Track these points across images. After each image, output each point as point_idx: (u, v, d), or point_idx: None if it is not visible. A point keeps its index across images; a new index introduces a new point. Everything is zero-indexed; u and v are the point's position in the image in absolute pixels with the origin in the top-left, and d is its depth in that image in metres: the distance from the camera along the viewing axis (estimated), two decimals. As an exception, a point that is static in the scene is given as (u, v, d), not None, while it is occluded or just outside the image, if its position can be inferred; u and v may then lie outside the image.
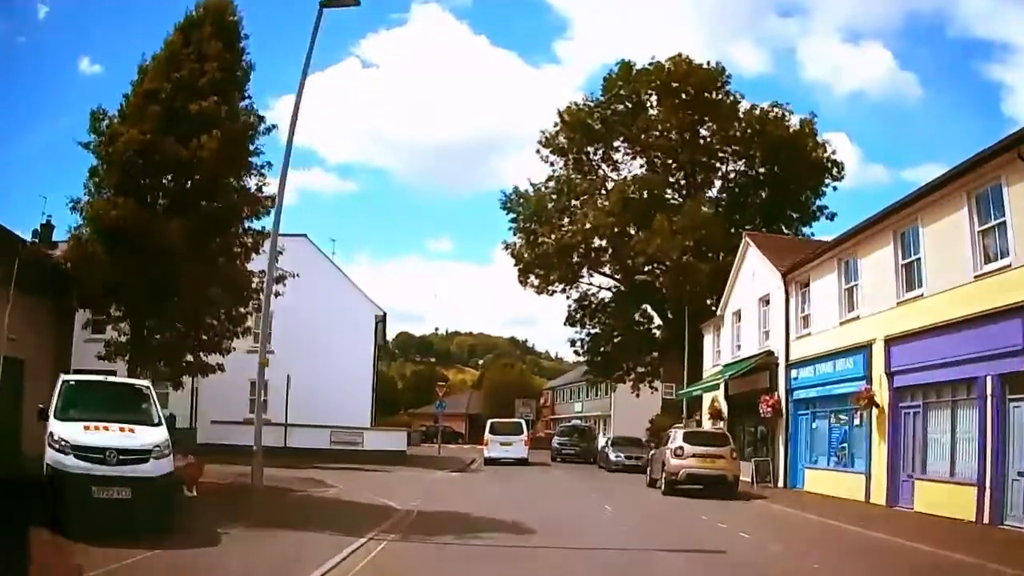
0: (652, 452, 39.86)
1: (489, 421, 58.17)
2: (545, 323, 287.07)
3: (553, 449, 66.09)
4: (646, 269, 62.11)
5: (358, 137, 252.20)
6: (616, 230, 61.11)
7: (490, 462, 51.83)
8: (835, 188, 63.22)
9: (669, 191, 64.05)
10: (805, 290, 37.23)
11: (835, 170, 62.62)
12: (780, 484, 36.82)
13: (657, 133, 62.21)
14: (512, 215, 66.99)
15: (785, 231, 61.68)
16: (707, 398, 50.10)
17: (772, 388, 39.02)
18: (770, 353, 39.97)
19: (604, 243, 63.54)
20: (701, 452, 32.24)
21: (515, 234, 66.96)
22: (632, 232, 61.40)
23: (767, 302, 41.55)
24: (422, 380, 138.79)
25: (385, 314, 52.51)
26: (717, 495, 31.33)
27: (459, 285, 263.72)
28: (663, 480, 33.31)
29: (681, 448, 32.37)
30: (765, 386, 39.66)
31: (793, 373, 37.29)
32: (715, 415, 47.50)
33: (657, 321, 68.20)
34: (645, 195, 61.58)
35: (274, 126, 27.19)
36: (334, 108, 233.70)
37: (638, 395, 71.76)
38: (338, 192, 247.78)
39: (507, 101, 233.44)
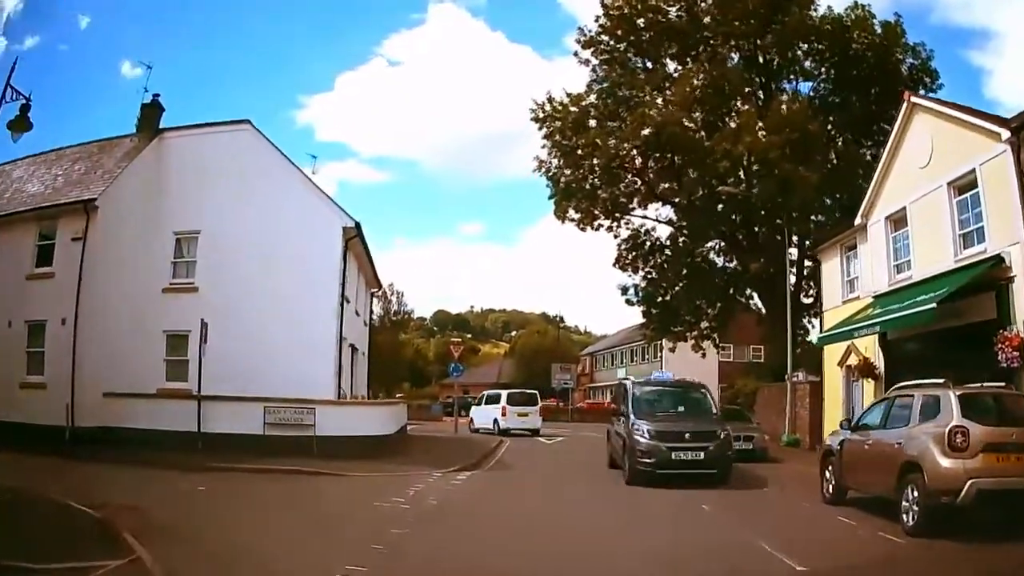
0: (841, 440, 18.98)
1: (506, 391, 51.17)
2: (576, 300, 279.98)
3: (624, 443, 30.60)
4: (720, 188, 44.48)
5: (389, 131, 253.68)
6: (685, 129, 45.01)
7: (503, 432, 45.18)
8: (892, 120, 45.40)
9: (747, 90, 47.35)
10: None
11: (928, 79, 46.13)
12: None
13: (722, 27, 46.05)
14: (545, 129, 50.26)
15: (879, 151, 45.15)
16: (834, 350, 33.29)
17: (1005, 319, 21.82)
18: (996, 263, 22.34)
19: (665, 154, 47.46)
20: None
21: (549, 152, 50.70)
22: (702, 136, 45.79)
23: (968, 186, 24.19)
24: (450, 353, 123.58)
25: (359, 226, 32.50)
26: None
27: (491, 266, 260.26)
28: (918, 506, 14.26)
29: (962, 434, 13.72)
30: (985, 317, 22.64)
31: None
32: (864, 371, 30.34)
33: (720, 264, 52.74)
34: (718, 90, 45.25)
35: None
36: (365, 105, 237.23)
37: (703, 355, 57.85)
38: (374, 182, 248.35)
39: (525, 92, 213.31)
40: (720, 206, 47.27)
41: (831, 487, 19.08)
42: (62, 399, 26.45)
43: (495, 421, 47.43)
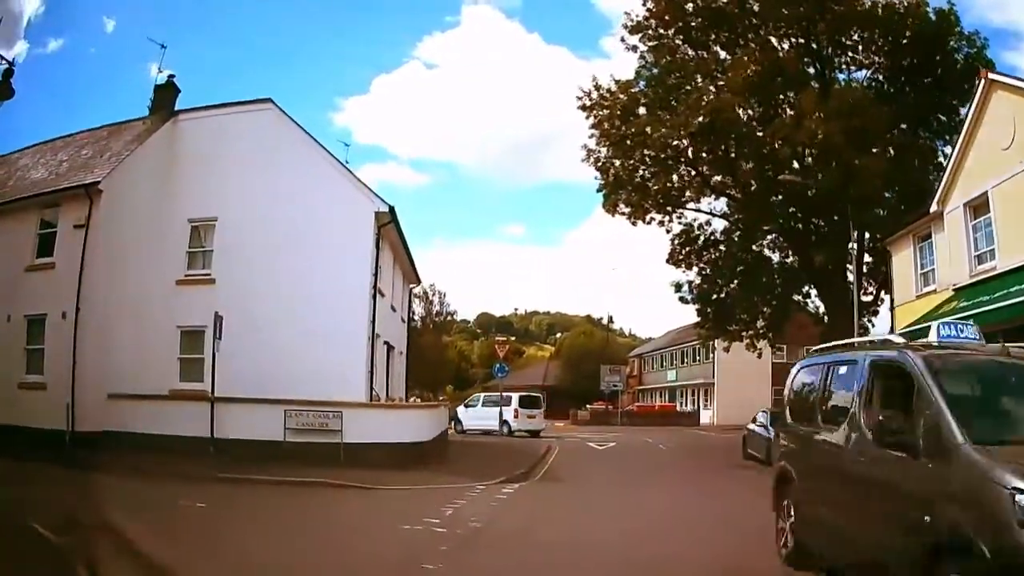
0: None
1: (517, 395, 50.87)
2: (620, 303, 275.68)
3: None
4: (780, 177, 41.06)
5: (427, 133, 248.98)
6: (741, 116, 41.87)
7: (511, 433, 46.62)
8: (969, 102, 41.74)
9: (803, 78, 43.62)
10: None
11: (983, 67, 40.73)
12: None
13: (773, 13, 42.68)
14: (592, 117, 46.74)
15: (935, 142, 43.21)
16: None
17: None
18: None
19: (719, 144, 43.83)
20: None
21: (598, 142, 47.04)
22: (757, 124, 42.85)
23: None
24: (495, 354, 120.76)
25: (393, 211, 28.95)
26: None
27: (534, 268, 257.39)
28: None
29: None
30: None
31: None
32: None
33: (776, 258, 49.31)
34: (773, 77, 41.57)
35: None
36: (402, 107, 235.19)
37: (759, 355, 55.14)
38: (414, 184, 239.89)
39: (563, 94, 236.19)
40: (778, 197, 43.99)
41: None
42: (63, 400, 23.74)
43: (505, 423, 47.30)
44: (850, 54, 44.16)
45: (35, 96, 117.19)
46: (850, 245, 39.05)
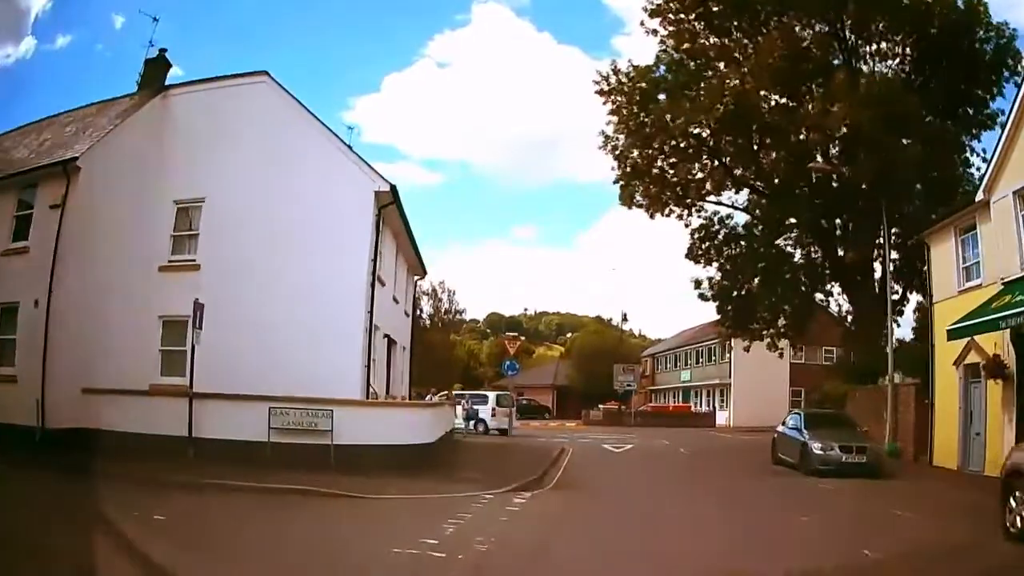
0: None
1: (494, 393, 50.37)
2: (631, 305, 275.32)
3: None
4: (810, 165, 38.92)
5: (439, 132, 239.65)
6: (767, 101, 39.84)
7: (487, 431, 45.84)
8: (1017, 85, 39.09)
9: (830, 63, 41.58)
10: None
11: (1011, 60, 40.20)
12: None
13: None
14: (610, 104, 45.01)
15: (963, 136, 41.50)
16: (948, 347, 27.52)
17: None
18: None
19: (743, 132, 42.21)
20: None
21: (616, 129, 45.37)
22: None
23: None
24: (505, 352, 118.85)
25: (395, 191, 26.39)
26: None
27: (545, 269, 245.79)
28: None
29: None
30: None
31: None
32: (993, 370, 24.57)
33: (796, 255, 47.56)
34: (800, 62, 39.48)
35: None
36: (413, 106, 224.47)
37: (781, 354, 54.10)
38: (426, 184, 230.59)
39: (574, 93, 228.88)
40: (804, 190, 42.15)
41: (1020, 519, 13.30)
42: (36, 395, 21.58)
43: (483, 421, 46.58)
44: (876, 44, 42.22)
45: (42, 92, 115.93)
46: (880, 240, 37.06)
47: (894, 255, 41.27)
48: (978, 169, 39.08)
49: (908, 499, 20.08)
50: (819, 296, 47.86)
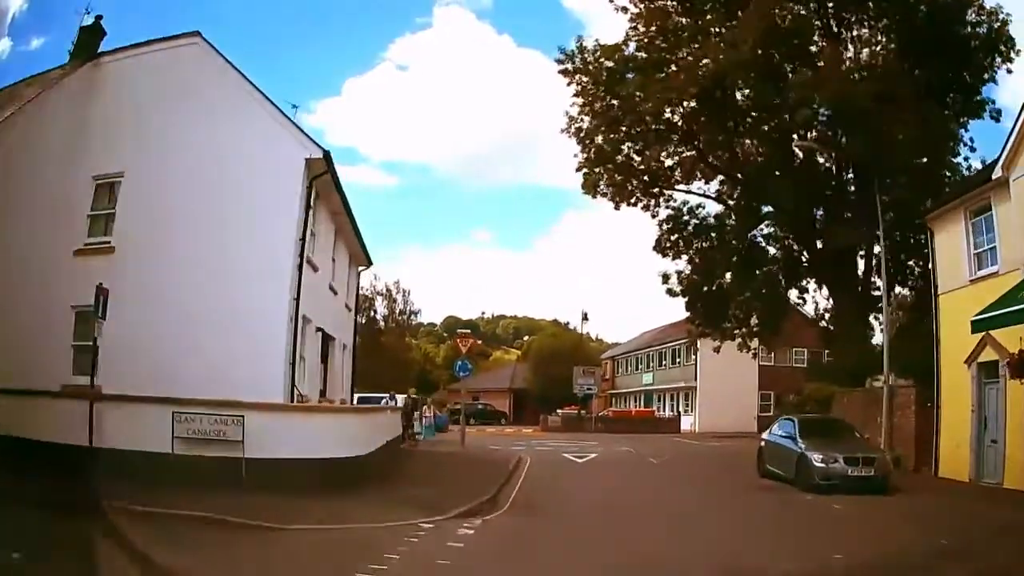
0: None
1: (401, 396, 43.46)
2: (589, 308, 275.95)
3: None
4: (797, 144, 36.31)
5: (399, 135, 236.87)
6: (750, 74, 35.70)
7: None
8: (1009, 71, 37.18)
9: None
10: None
11: (1004, 47, 36.83)
12: None
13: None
14: (575, 85, 41.53)
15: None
16: (958, 344, 24.65)
17: None
18: None
19: (720, 112, 38.66)
20: None
21: (580, 110, 41.76)
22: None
23: None
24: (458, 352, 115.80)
25: (329, 158, 22.66)
26: None
27: (502, 272, 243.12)
28: None
29: None
30: None
31: None
32: (1018, 369, 20.79)
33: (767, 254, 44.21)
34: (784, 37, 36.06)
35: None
36: (374, 109, 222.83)
37: (755, 354, 52.69)
38: (385, 187, 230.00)
39: (535, 97, 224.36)
40: (783, 174, 38.88)
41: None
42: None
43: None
44: (861, 28, 39.15)
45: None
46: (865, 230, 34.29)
47: (876, 248, 38.41)
48: (966, 159, 37.31)
49: (942, 523, 16.62)
50: (794, 294, 44.73)
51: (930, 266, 28.39)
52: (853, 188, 38.31)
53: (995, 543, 14.01)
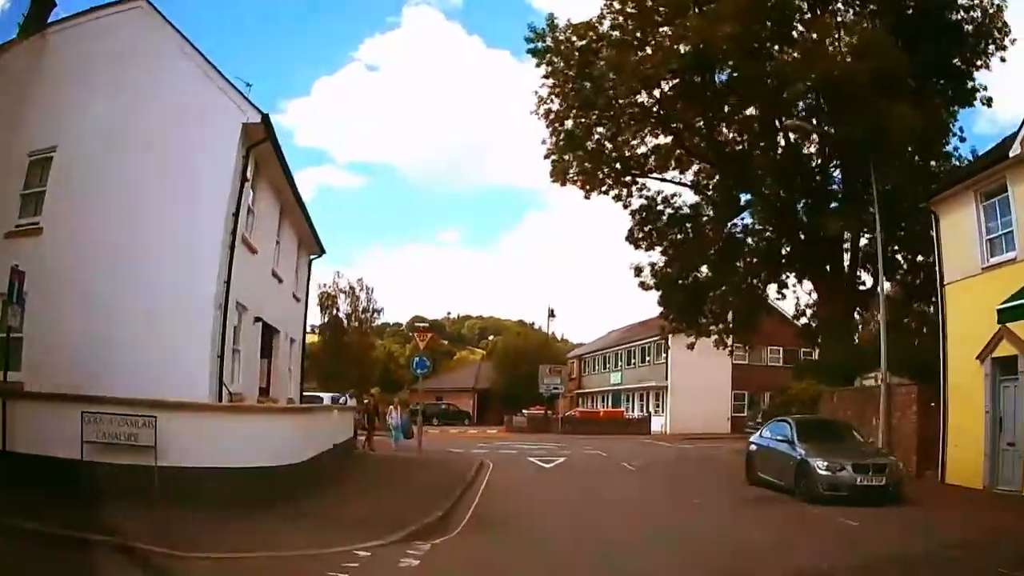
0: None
1: (329, 395, 41.45)
2: (555, 308, 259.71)
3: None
4: (787, 123, 34.24)
5: (367, 136, 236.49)
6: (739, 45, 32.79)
7: None
8: (1003, 60, 35.15)
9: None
10: None
11: (998, 32, 34.78)
12: None
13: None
14: (546, 65, 38.68)
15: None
16: (967, 339, 22.68)
17: None
18: None
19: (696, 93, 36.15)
20: None
21: (551, 92, 39.07)
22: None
23: None
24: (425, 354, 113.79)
25: (268, 122, 19.57)
26: None
27: (468, 272, 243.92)
28: None
29: None
30: None
31: None
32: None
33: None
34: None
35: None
36: (343, 110, 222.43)
37: (732, 352, 50.43)
38: (352, 187, 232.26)
39: (503, 97, 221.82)
40: (772, 153, 37.05)
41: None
42: None
43: None
44: (846, 12, 36.37)
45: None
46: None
47: (862, 241, 36.63)
48: (955, 148, 35.48)
49: (974, 538, 14.26)
50: (773, 289, 42.08)
51: (935, 254, 25.93)
52: (840, 175, 36.38)
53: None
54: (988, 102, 35.34)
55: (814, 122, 33.99)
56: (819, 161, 37.19)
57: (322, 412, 22.43)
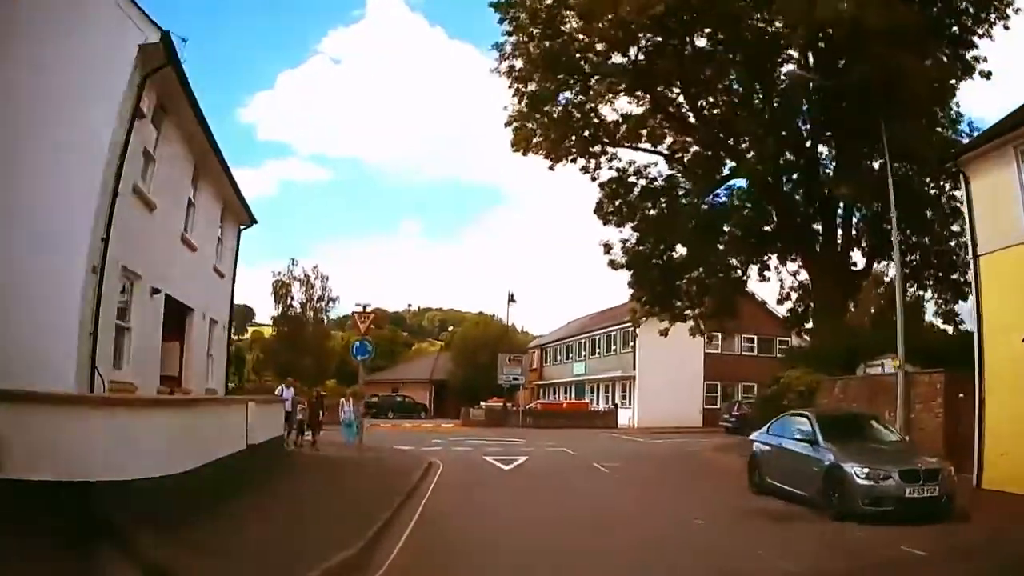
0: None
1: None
2: (517, 302, 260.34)
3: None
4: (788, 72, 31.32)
5: (331, 129, 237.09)
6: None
7: None
8: (1007, 28, 31.93)
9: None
10: None
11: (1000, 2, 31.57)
12: None
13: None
14: (509, 22, 34.98)
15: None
16: (1005, 320, 19.52)
17: None
18: None
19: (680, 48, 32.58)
20: None
21: (514, 49, 35.48)
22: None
23: None
24: (382, 344, 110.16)
25: (169, 42, 15.02)
26: None
27: (429, 263, 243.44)
28: None
29: None
30: None
31: None
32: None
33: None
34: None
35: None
36: (308, 102, 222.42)
37: (709, 339, 49.62)
38: (315, 180, 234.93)
39: (466, 90, 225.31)
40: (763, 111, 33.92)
41: None
42: None
43: None
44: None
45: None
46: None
47: (856, 216, 34.20)
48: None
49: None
50: (755, 271, 38.71)
51: (966, 221, 22.22)
52: (835, 143, 33.27)
53: None
54: (987, 75, 32.21)
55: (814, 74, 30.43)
56: (809, 127, 34.01)
57: (232, 404, 17.86)
